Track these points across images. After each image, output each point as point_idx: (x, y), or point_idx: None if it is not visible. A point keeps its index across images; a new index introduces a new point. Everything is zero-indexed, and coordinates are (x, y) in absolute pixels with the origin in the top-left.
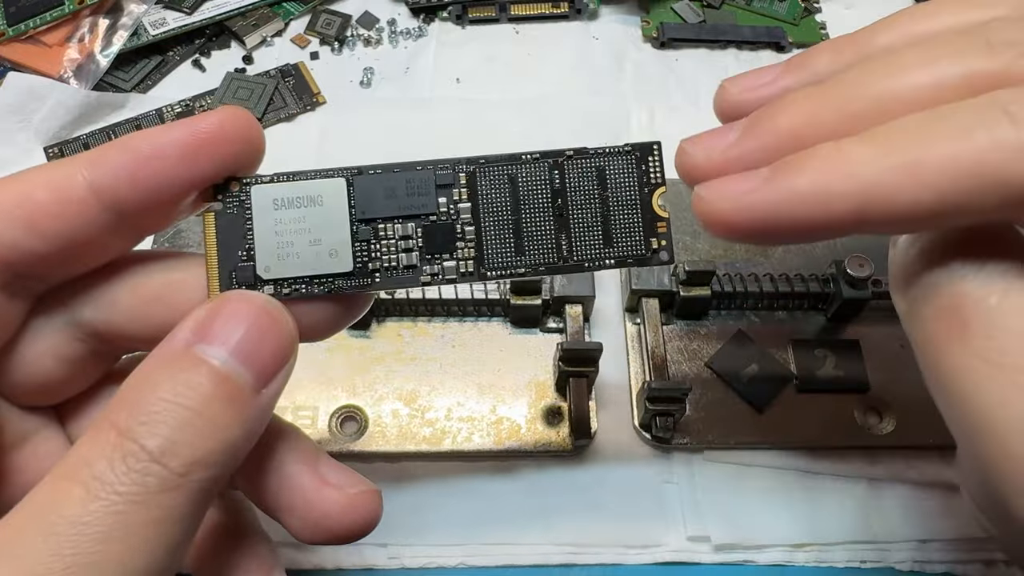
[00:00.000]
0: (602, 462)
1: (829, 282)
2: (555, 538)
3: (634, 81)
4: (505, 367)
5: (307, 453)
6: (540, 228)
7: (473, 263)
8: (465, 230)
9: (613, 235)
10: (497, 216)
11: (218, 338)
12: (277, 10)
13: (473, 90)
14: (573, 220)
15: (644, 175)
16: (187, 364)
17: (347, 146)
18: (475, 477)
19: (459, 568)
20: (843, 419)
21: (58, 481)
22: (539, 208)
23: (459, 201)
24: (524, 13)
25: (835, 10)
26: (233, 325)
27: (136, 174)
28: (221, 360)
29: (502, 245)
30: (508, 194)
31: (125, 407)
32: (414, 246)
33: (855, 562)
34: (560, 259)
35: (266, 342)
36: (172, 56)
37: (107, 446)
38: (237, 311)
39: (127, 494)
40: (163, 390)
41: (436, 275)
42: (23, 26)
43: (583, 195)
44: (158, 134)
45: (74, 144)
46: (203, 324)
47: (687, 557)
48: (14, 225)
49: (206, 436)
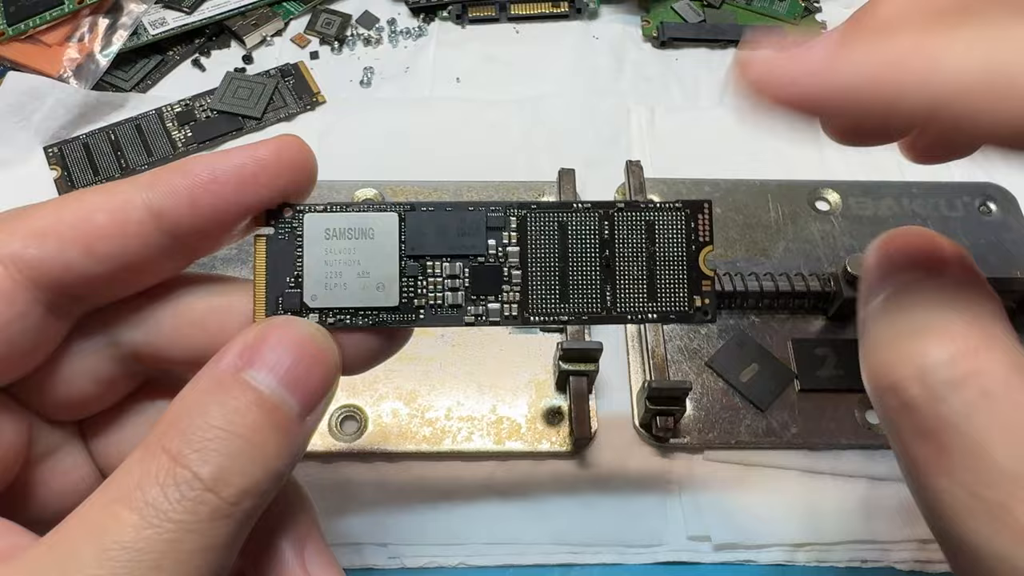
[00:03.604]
0: (602, 462)
1: (829, 282)
2: (555, 538)
3: (634, 81)
4: (505, 367)
5: (301, 530)
6: (586, 277)
7: (517, 307)
8: (512, 274)
9: (658, 290)
10: (544, 262)
11: (266, 364)
12: (277, 10)
13: (473, 90)
14: (619, 272)
15: (693, 232)
16: (236, 391)
17: (347, 146)
18: (475, 477)
19: (459, 568)
20: (843, 419)
21: (109, 504)
22: (586, 257)
23: (508, 244)
24: (524, 13)
25: (835, 10)
26: (281, 352)
27: (195, 198)
28: (270, 387)
29: (547, 291)
30: (557, 241)
31: (177, 432)
32: (460, 286)
33: (855, 562)
34: (603, 309)
35: (313, 371)
36: (172, 56)
37: (161, 472)
38: (285, 338)
39: (180, 522)
40: (213, 416)
41: (480, 316)
42: (23, 25)
43: (631, 248)
44: (217, 160)
45: (74, 144)
46: (251, 349)
47: (687, 557)
48: (72, 247)
49: (257, 464)
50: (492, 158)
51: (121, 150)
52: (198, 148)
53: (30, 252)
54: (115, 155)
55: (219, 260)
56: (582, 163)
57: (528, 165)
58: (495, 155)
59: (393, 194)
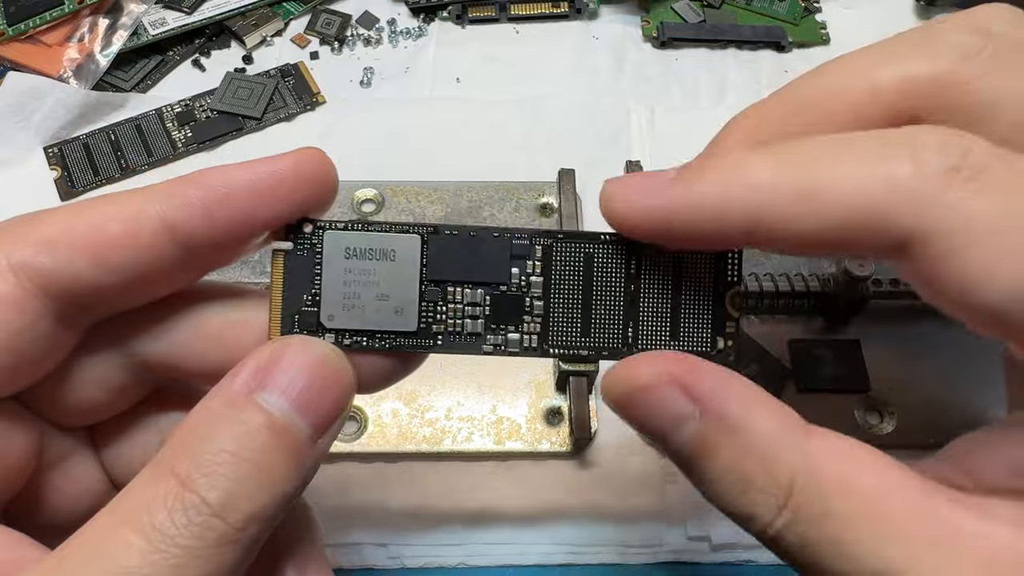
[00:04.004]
0: (602, 462)
1: (829, 282)
2: (555, 538)
3: (634, 81)
4: (505, 367)
5: (305, 553)
6: (609, 311)
7: (537, 339)
8: (534, 304)
9: (681, 329)
10: (567, 294)
11: (279, 387)
12: (277, 10)
13: (473, 90)
14: (643, 308)
15: (721, 273)
16: (247, 413)
17: (347, 146)
18: (475, 477)
19: (459, 568)
20: (843, 419)
21: (118, 525)
22: (611, 291)
23: (532, 273)
24: (524, 13)
25: (835, 10)
26: (293, 374)
27: (210, 211)
28: (281, 410)
29: (569, 324)
30: (582, 273)
31: (186, 455)
32: (480, 314)
33: None
34: (624, 345)
35: (326, 394)
36: (172, 56)
37: (168, 496)
38: (299, 359)
39: (187, 547)
40: (223, 440)
41: (499, 346)
42: (23, 26)
43: (657, 284)
44: (234, 172)
45: (74, 144)
46: (263, 370)
47: (687, 557)
48: (83, 257)
49: (264, 489)
50: (492, 158)
51: (121, 150)
52: (198, 148)
53: (41, 261)
54: (115, 155)
55: None
56: (582, 163)
57: (528, 165)
58: (495, 155)
59: (393, 194)
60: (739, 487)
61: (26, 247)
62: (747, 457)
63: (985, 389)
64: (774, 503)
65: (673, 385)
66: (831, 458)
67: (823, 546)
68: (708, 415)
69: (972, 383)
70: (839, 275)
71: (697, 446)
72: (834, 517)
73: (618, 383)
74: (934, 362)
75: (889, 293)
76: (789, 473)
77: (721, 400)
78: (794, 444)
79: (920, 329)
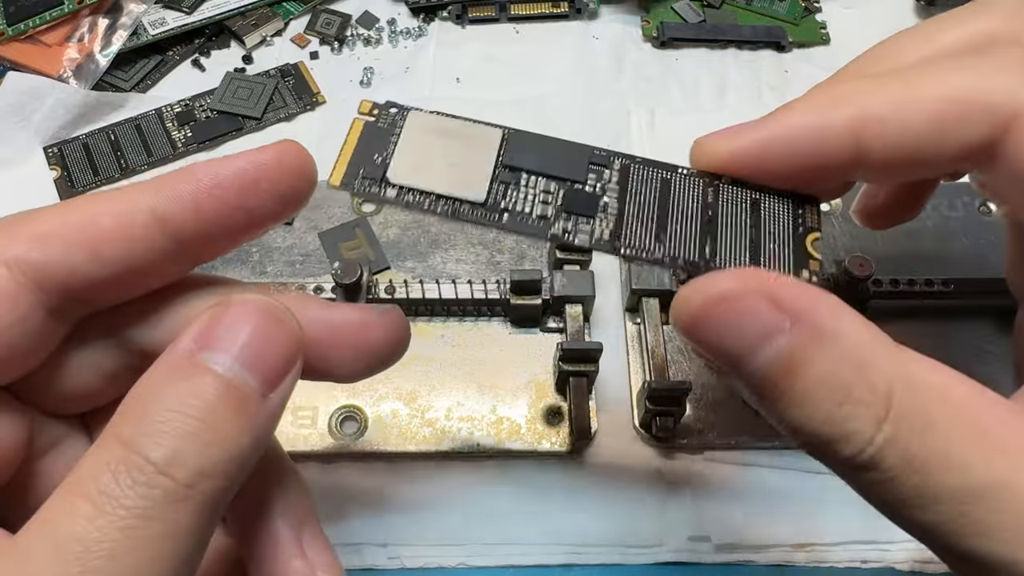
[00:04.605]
0: (602, 462)
1: (829, 282)
2: (555, 538)
3: (634, 81)
4: (505, 367)
5: (298, 515)
6: (685, 228)
7: (609, 234)
8: (609, 204)
9: (761, 257)
10: (643, 206)
11: (221, 344)
12: (277, 10)
13: (473, 90)
14: (721, 233)
15: (800, 217)
16: (191, 372)
17: None
18: (475, 477)
19: (459, 568)
20: None
21: (65, 497)
22: (688, 213)
23: (608, 182)
24: (524, 13)
25: (835, 10)
26: (236, 330)
27: (199, 203)
28: (225, 367)
29: (643, 228)
30: (658, 192)
31: (129, 419)
32: (552, 201)
33: (855, 562)
34: (701, 259)
35: (271, 346)
36: (172, 56)
37: (112, 459)
38: (240, 315)
39: (134, 508)
40: (167, 400)
41: (568, 232)
42: (23, 26)
43: (734, 218)
44: (220, 165)
45: (74, 144)
46: (206, 331)
47: (687, 557)
48: (76, 251)
49: (212, 445)
50: None
51: (121, 150)
52: (198, 148)
53: (34, 255)
54: (115, 155)
55: (219, 260)
56: None
57: None
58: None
59: None
60: (834, 400)
61: (19, 242)
62: (843, 366)
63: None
64: (874, 415)
65: (761, 295)
66: (926, 369)
67: (929, 460)
68: (800, 326)
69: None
70: (839, 275)
71: (784, 362)
72: (935, 430)
73: (694, 295)
74: None
75: (889, 293)
76: (887, 381)
77: (813, 310)
78: (889, 353)
79: (920, 329)
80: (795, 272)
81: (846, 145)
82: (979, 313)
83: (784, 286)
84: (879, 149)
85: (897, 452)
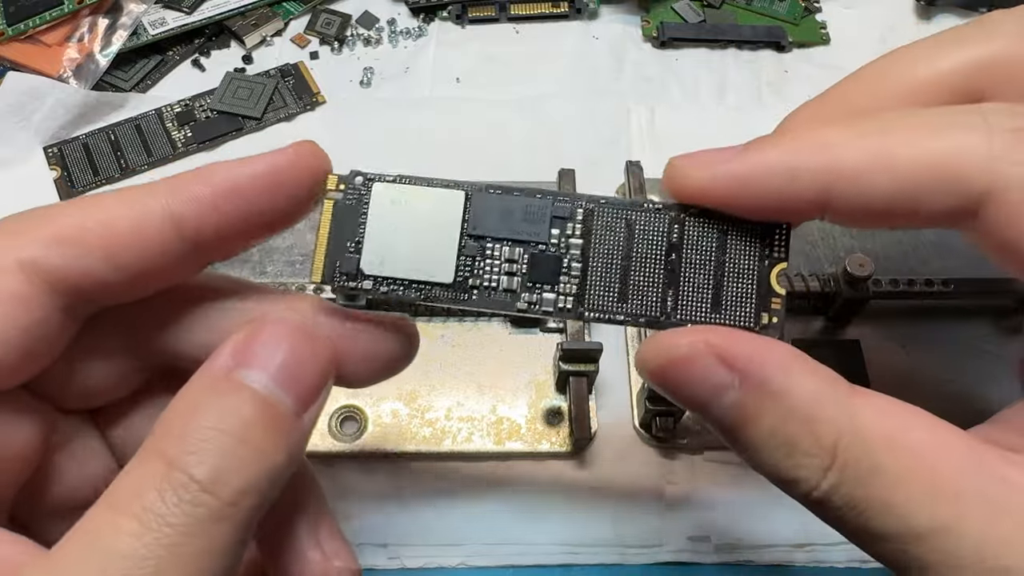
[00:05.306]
0: (602, 462)
1: (829, 282)
2: (555, 538)
3: (634, 81)
4: (505, 367)
5: (314, 512)
6: (648, 279)
7: (573, 300)
8: (572, 266)
9: (723, 301)
10: (607, 258)
11: (258, 362)
12: (277, 10)
13: (473, 90)
14: (684, 278)
15: (767, 247)
16: (229, 390)
17: (347, 146)
18: (475, 477)
19: (459, 568)
20: None
21: (109, 512)
22: (651, 259)
23: (572, 236)
24: (524, 13)
25: (835, 10)
26: (272, 348)
27: (217, 207)
28: (262, 385)
29: (606, 289)
30: (623, 239)
31: (172, 436)
32: (517, 271)
33: (855, 562)
34: (663, 314)
35: (306, 365)
36: (172, 56)
37: (156, 476)
38: (276, 334)
39: (178, 526)
40: (207, 417)
41: (533, 304)
42: (23, 26)
43: (699, 255)
44: (237, 167)
45: (74, 144)
46: (243, 348)
47: (687, 557)
48: (93, 254)
49: (251, 463)
50: (492, 158)
51: (121, 150)
52: (198, 148)
53: (51, 259)
54: (115, 155)
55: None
56: (582, 163)
57: (528, 165)
58: (495, 155)
59: None
60: (783, 451)
61: (37, 245)
62: (790, 421)
63: (986, 388)
64: (819, 465)
65: (711, 355)
66: (877, 416)
67: (871, 505)
68: (747, 383)
69: (973, 383)
70: (839, 275)
71: (738, 414)
72: (881, 475)
73: (655, 354)
74: (934, 362)
75: (889, 293)
76: (834, 433)
77: (760, 366)
78: (837, 404)
79: (920, 329)
80: (756, 319)
81: (815, 192)
82: (979, 313)
83: (735, 343)
84: (844, 203)
85: (841, 498)
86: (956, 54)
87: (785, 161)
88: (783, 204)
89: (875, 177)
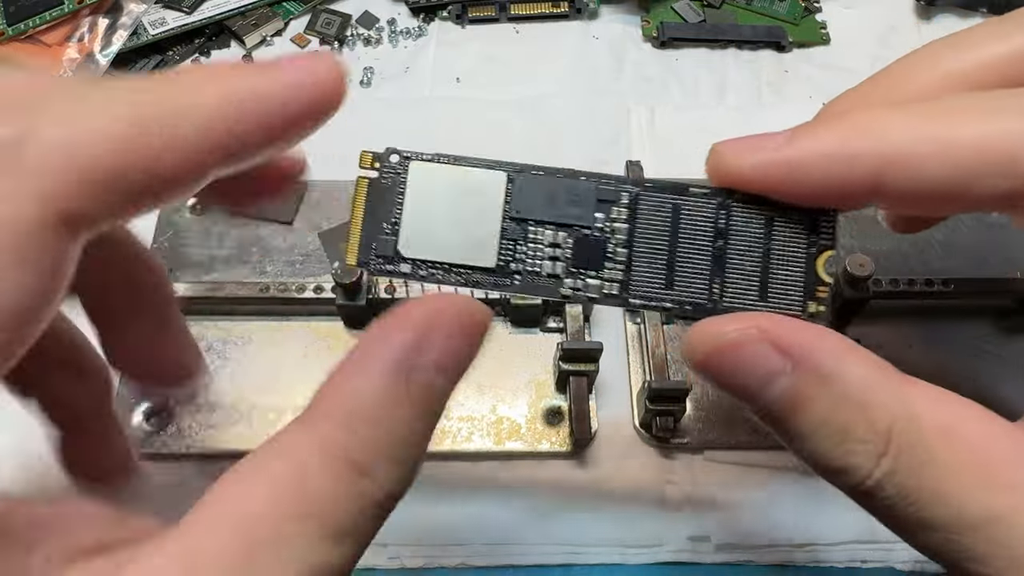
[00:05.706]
0: (602, 462)
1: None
2: (555, 538)
3: (634, 81)
4: (505, 367)
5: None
6: (695, 265)
7: (618, 287)
8: (617, 251)
9: (770, 289)
10: (652, 243)
11: (435, 362)
12: (277, 9)
13: (473, 90)
14: (731, 265)
15: (814, 234)
16: (413, 393)
17: (347, 146)
18: (475, 477)
19: (459, 568)
20: None
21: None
22: (698, 245)
23: (617, 219)
24: (524, 13)
25: (835, 10)
26: (445, 341)
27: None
28: (439, 386)
29: (651, 275)
30: (669, 223)
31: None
32: (561, 256)
33: (855, 562)
34: (709, 301)
35: (467, 353)
36: (172, 56)
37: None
38: (449, 326)
39: (359, 532)
40: (395, 425)
41: (577, 290)
42: (23, 26)
43: (747, 242)
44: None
45: None
46: (419, 342)
47: (687, 557)
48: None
49: (413, 465)
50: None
51: None
52: None
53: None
54: None
55: (219, 262)
56: (582, 163)
57: None
58: (495, 155)
59: None
60: (836, 438)
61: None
62: (843, 406)
63: (986, 388)
64: (873, 451)
65: (763, 340)
66: (931, 405)
67: (923, 495)
68: (801, 367)
69: (973, 383)
70: (839, 275)
71: (789, 402)
72: (935, 465)
73: (704, 340)
74: (934, 362)
75: (889, 293)
76: (888, 419)
77: (814, 352)
78: (891, 391)
79: (920, 329)
80: (804, 307)
81: (869, 176)
82: (979, 313)
83: (786, 329)
84: (896, 187)
85: (894, 485)
86: (994, 45)
87: (841, 145)
88: (836, 190)
89: (929, 161)
